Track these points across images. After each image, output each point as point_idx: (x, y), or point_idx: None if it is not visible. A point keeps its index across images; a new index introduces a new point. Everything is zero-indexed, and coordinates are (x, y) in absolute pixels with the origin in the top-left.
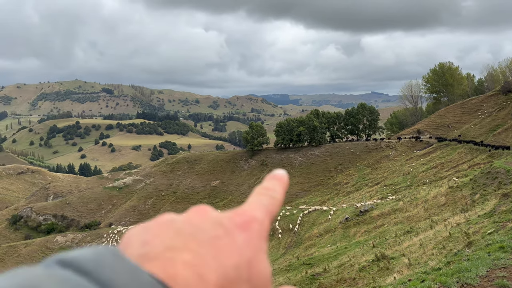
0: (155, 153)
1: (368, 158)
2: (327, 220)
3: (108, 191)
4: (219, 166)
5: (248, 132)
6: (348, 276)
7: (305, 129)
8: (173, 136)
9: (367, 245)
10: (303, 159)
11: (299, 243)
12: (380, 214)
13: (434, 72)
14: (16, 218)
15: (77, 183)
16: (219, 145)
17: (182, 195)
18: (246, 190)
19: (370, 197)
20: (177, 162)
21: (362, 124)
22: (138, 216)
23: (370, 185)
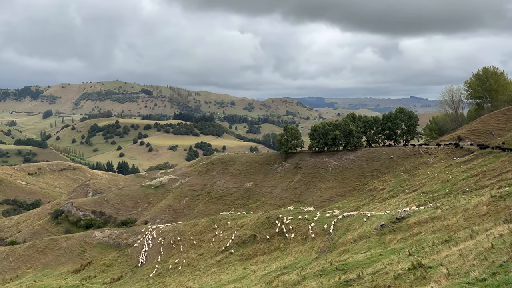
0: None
1: (405, 164)
2: (361, 226)
3: (144, 190)
4: (252, 168)
5: (282, 135)
6: (383, 283)
7: (341, 133)
8: (209, 137)
9: (403, 253)
10: (338, 163)
11: (332, 248)
12: (417, 221)
13: (477, 77)
14: (58, 213)
15: (115, 181)
16: (253, 147)
17: (216, 195)
18: (279, 193)
19: (407, 204)
20: (212, 162)
21: (400, 129)
22: (173, 214)
23: (407, 191)
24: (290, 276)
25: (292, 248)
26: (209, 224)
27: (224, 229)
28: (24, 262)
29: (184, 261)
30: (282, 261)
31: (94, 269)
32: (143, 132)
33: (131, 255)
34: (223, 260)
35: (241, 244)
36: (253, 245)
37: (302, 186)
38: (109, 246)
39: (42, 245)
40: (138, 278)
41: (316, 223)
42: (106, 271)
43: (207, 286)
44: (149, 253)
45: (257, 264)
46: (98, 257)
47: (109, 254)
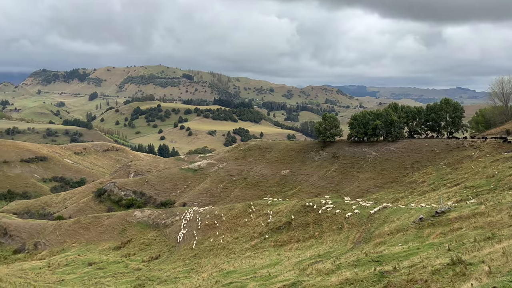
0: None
1: (448, 157)
2: (399, 219)
3: (183, 173)
4: (289, 155)
5: (320, 123)
6: (420, 277)
7: (382, 123)
8: (247, 123)
9: (442, 248)
10: (377, 154)
11: (368, 239)
12: (458, 216)
13: None
14: (101, 192)
15: (156, 163)
16: (291, 134)
17: (252, 181)
18: (315, 181)
19: (447, 198)
20: (249, 149)
21: (444, 121)
22: (210, 198)
23: (449, 185)
24: (324, 265)
25: (327, 237)
26: (245, 209)
27: (260, 215)
28: (70, 237)
29: (220, 244)
30: (316, 249)
31: (134, 247)
32: (183, 116)
33: (169, 235)
34: (258, 245)
35: (276, 230)
36: (287, 232)
37: (339, 176)
38: (148, 225)
39: (86, 222)
40: (175, 258)
41: (353, 213)
42: (144, 250)
43: (242, 269)
44: (186, 234)
45: (291, 251)
46: (138, 235)
47: (148, 234)
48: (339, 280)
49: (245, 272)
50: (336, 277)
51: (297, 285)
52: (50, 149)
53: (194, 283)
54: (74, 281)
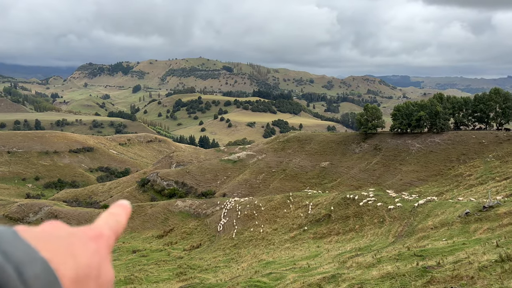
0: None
1: (497, 150)
2: (443, 213)
3: (223, 164)
4: (329, 147)
5: (362, 114)
6: (466, 273)
7: (426, 114)
8: (286, 115)
9: (490, 244)
10: (421, 146)
11: (410, 233)
12: (508, 211)
13: None
14: (145, 181)
15: (197, 154)
16: (331, 126)
17: (291, 173)
18: (356, 174)
19: (496, 192)
20: (288, 140)
21: (493, 112)
22: (249, 189)
23: (498, 179)
24: (364, 258)
25: (368, 231)
26: (284, 200)
27: (299, 207)
28: None
29: (259, 235)
30: (356, 242)
31: (176, 235)
32: (223, 108)
33: (210, 225)
34: (297, 237)
35: (315, 222)
36: (327, 225)
37: (381, 168)
38: (189, 215)
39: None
40: (215, 247)
41: (395, 206)
42: (186, 239)
43: (281, 260)
44: (226, 224)
45: (331, 243)
46: (179, 225)
47: (190, 223)
48: (380, 274)
49: (284, 263)
50: (377, 270)
51: (337, 277)
52: (96, 140)
53: (234, 272)
54: (119, 268)
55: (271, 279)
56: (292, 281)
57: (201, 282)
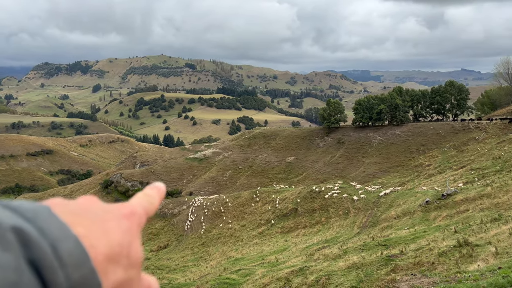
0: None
1: (454, 140)
2: (405, 202)
3: (189, 162)
4: (294, 142)
5: (325, 109)
6: (427, 260)
7: (386, 107)
8: (251, 111)
9: (448, 230)
10: (382, 138)
11: (374, 223)
12: (464, 199)
13: None
14: (108, 183)
15: (161, 153)
16: (295, 121)
17: (257, 169)
18: (321, 167)
19: (454, 180)
20: (254, 137)
21: (449, 103)
22: (216, 187)
23: (455, 168)
24: (331, 250)
25: (334, 223)
26: (251, 196)
27: (266, 202)
28: None
29: (227, 232)
30: (323, 234)
31: (142, 237)
32: (187, 106)
33: (177, 224)
34: (265, 232)
35: (282, 217)
36: (294, 218)
37: (344, 161)
38: (155, 215)
39: None
40: (183, 247)
41: (359, 198)
42: (153, 239)
43: (249, 256)
44: (194, 223)
45: (298, 237)
46: (145, 225)
47: (156, 223)
48: (346, 264)
49: (253, 259)
50: (343, 261)
51: (304, 270)
52: (55, 142)
53: (203, 271)
54: None
55: (240, 275)
56: (261, 277)
57: (170, 283)
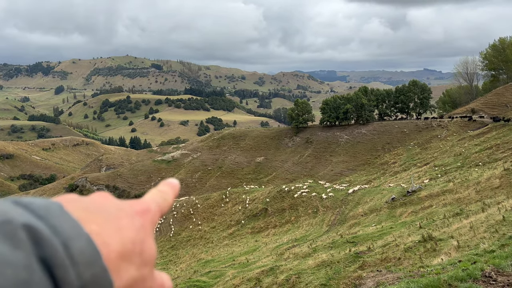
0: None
1: (417, 138)
2: (372, 200)
3: (157, 164)
4: (263, 142)
5: (293, 109)
6: (393, 255)
7: (352, 107)
8: (219, 112)
9: (414, 226)
10: (349, 137)
11: (343, 221)
12: (428, 195)
13: (494, 48)
14: (73, 187)
15: (128, 156)
16: (264, 121)
17: (227, 170)
18: (290, 167)
19: (418, 177)
20: (223, 137)
21: (412, 102)
22: (185, 189)
23: (419, 165)
24: (301, 248)
25: (303, 221)
26: (221, 198)
27: (236, 203)
28: None
29: (197, 234)
30: (293, 233)
31: None
32: (154, 107)
33: None
34: (235, 233)
35: (252, 217)
36: (264, 219)
37: (313, 160)
38: None
39: None
40: None
41: (327, 196)
42: None
43: (220, 258)
44: (162, 226)
45: (269, 236)
46: None
47: None
48: (315, 262)
49: (224, 261)
50: (312, 260)
51: (275, 269)
52: (16, 146)
53: (173, 274)
54: None
55: (210, 277)
56: (231, 278)
57: None
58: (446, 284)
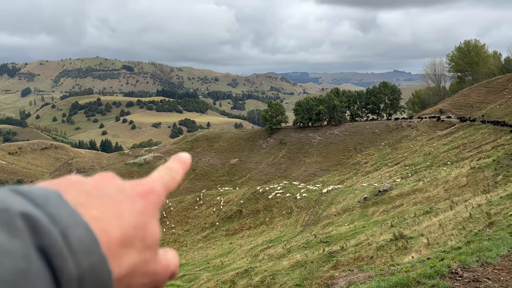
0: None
1: (388, 138)
2: (345, 199)
3: (129, 167)
4: (237, 144)
5: (266, 111)
6: (366, 254)
7: (325, 108)
8: (192, 114)
9: (385, 225)
10: (322, 138)
11: (316, 221)
12: (399, 194)
13: (459, 50)
14: None
15: (99, 159)
16: (238, 123)
17: (201, 172)
18: (264, 168)
19: (389, 177)
20: (196, 139)
21: (383, 103)
22: None
23: (390, 165)
24: (275, 249)
25: (278, 222)
26: (195, 200)
27: (210, 205)
28: None
29: (171, 238)
30: (267, 235)
31: None
32: (125, 109)
33: None
34: (210, 236)
35: (227, 219)
36: (239, 220)
37: (287, 161)
38: None
39: None
40: None
41: (301, 197)
42: None
43: (194, 261)
44: None
45: (243, 238)
46: None
47: None
48: (290, 263)
49: (198, 264)
50: (287, 260)
51: (249, 271)
52: None
53: None
54: None
55: (184, 281)
56: (206, 281)
57: None
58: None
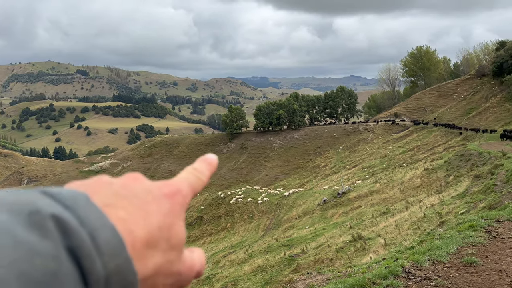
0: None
1: (346, 141)
2: (305, 202)
3: (84, 175)
4: (198, 149)
5: (227, 115)
6: (326, 256)
7: (285, 113)
8: (151, 119)
9: (344, 226)
10: (282, 142)
11: (278, 225)
12: (357, 196)
13: (412, 56)
14: None
15: (52, 167)
16: (198, 128)
17: (160, 179)
18: (225, 173)
19: (348, 179)
20: (155, 145)
21: (341, 108)
22: None
23: (348, 167)
24: (237, 255)
25: (239, 227)
26: None
27: None
28: None
29: None
30: (229, 240)
31: None
32: (80, 115)
33: None
34: None
35: (188, 226)
36: (200, 227)
37: (248, 166)
38: None
39: None
40: None
41: (263, 201)
42: None
43: None
44: None
45: (204, 245)
46: None
47: None
48: (251, 268)
49: None
50: (248, 265)
51: (211, 278)
52: None
53: None
54: None
55: None
56: None
57: None
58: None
